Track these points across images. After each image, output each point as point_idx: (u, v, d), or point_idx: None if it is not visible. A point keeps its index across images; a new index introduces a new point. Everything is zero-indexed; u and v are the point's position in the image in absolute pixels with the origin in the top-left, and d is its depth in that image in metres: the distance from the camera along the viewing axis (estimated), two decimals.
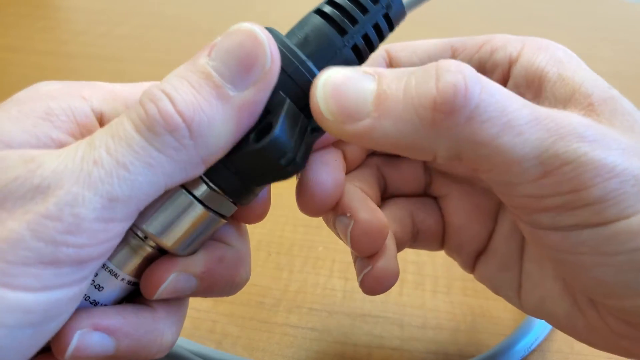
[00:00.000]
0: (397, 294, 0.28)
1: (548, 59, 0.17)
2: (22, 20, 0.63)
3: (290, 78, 0.16)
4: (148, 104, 0.14)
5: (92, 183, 0.13)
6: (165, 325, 0.16)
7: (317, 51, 0.17)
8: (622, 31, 0.70)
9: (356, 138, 0.15)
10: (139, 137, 0.13)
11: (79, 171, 0.13)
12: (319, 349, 0.25)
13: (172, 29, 0.62)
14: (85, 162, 0.13)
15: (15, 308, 0.12)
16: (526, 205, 0.15)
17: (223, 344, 0.25)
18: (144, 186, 0.14)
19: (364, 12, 0.17)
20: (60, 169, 0.13)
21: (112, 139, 0.13)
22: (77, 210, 0.13)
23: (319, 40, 0.17)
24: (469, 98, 0.14)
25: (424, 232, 0.21)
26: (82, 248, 0.13)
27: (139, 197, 0.14)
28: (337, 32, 0.17)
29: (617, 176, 0.14)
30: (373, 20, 0.17)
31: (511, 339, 0.24)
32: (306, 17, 0.18)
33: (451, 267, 0.30)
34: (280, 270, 0.29)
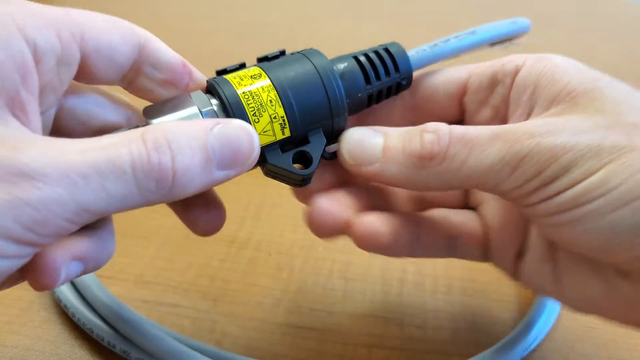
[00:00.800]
0: (397, 294, 0.28)
1: (545, 66, 0.21)
2: None
3: (330, 108, 0.20)
4: (153, 152, 0.16)
5: (75, 191, 0.14)
6: (111, 242, 0.19)
7: (346, 87, 0.21)
8: (622, 31, 0.70)
9: (370, 176, 0.20)
10: (131, 174, 0.15)
11: (66, 176, 0.14)
12: (319, 349, 0.25)
13: (172, 30, 0.62)
14: (73, 172, 0.14)
15: None
16: (515, 196, 0.18)
17: (223, 344, 0.25)
18: (112, 207, 0.15)
19: (387, 74, 0.22)
20: (47, 164, 0.14)
21: (105, 161, 0.15)
22: (53, 208, 0.14)
23: (351, 80, 0.21)
24: (441, 147, 0.19)
25: (463, 236, 0.23)
26: (43, 237, 0.15)
27: (103, 213, 0.16)
28: (364, 79, 0.21)
29: (570, 150, 0.17)
30: (390, 83, 0.22)
31: (511, 338, 0.24)
32: (347, 56, 0.22)
33: (451, 267, 0.30)
34: (280, 270, 0.29)
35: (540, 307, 0.25)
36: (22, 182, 0.14)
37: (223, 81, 0.20)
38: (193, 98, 0.20)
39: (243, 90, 0.19)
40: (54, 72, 0.17)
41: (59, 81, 0.17)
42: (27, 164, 0.14)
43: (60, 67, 0.17)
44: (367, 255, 0.30)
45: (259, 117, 0.19)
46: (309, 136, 0.20)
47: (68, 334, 0.25)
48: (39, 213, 0.14)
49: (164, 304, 0.27)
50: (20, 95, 0.16)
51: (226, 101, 0.19)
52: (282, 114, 0.19)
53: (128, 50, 0.19)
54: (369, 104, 0.22)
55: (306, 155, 0.20)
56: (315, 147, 0.20)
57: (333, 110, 0.20)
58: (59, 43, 0.17)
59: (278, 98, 0.19)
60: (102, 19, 0.19)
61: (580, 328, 0.26)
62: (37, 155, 0.14)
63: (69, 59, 0.17)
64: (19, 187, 0.14)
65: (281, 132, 0.20)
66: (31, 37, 0.16)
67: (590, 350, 0.25)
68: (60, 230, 0.15)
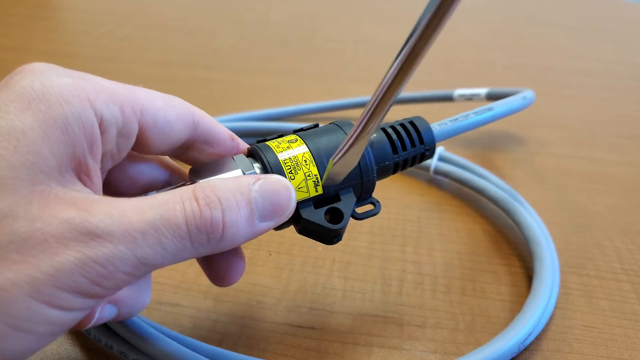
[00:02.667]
0: (397, 294, 0.28)
1: None
2: (23, 20, 0.63)
3: (361, 172, 0.22)
4: (205, 208, 0.17)
5: (135, 247, 0.16)
6: (147, 291, 0.21)
7: (376, 156, 0.23)
8: (622, 31, 0.70)
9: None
10: (185, 229, 0.17)
11: (127, 234, 0.16)
12: (318, 348, 0.25)
13: (173, 30, 0.62)
14: (134, 230, 0.16)
15: (47, 321, 0.15)
16: None
17: (223, 344, 0.25)
18: (167, 260, 0.17)
19: (412, 145, 0.24)
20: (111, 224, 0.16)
21: (160, 219, 0.16)
22: (117, 263, 0.16)
23: (379, 149, 0.23)
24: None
25: None
26: (106, 290, 0.16)
27: (158, 266, 0.17)
28: (391, 149, 0.23)
29: None
30: (415, 153, 0.24)
31: (503, 336, 0.24)
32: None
33: (451, 266, 0.30)
34: (280, 270, 0.29)
35: (534, 302, 0.25)
36: (91, 242, 0.15)
37: (265, 146, 0.21)
38: (236, 161, 0.21)
39: (282, 153, 0.21)
40: (114, 141, 0.19)
41: (117, 150, 0.19)
42: (96, 225, 0.16)
43: (120, 138, 0.19)
44: (367, 255, 0.30)
45: (294, 174, 0.21)
46: (340, 194, 0.22)
47: (67, 335, 0.25)
48: (105, 269, 0.16)
49: (165, 304, 0.27)
50: (87, 161, 0.17)
51: (267, 163, 0.21)
52: (315, 172, 0.21)
53: (183, 127, 0.21)
54: (394, 170, 0.24)
55: (338, 212, 0.21)
56: (346, 204, 0.22)
57: (363, 173, 0.22)
58: (122, 117, 0.18)
59: (312, 159, 0.21)
60: (161, 97, 0.20)
61: (580, 328, 0.26)
62: (103, 217, 0.16)
63: (128, 131, 0.19)
64: (88, 245, 0.15)
65: (314, 189, 0.21)
66: (99, 111, 0.18)
67: (590, 350, 0.25)
68: (121, 283, 0.16)
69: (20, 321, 0.15)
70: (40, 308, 0.15)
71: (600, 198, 0.36)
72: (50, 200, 0.16)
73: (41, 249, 0.15)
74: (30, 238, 0.15)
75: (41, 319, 0.15)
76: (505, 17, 0.72)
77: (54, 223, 0.15)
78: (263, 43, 0.60)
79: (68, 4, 0.71)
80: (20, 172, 0.15)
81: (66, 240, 0.15)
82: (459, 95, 0.42)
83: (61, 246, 0.15)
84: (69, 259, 0.15)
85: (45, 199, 0.16)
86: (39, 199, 0.16)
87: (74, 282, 0.15)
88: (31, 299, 0.15)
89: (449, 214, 0.34)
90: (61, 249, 0.15)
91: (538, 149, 0.42)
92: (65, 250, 0.15)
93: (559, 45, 0.64)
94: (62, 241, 0.15)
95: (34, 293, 0.15)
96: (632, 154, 0.42)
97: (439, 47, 0.64)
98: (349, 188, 0.22)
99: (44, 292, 0.15)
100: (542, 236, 0.29)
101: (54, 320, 0.16)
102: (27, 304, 0.15)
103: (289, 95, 0.49)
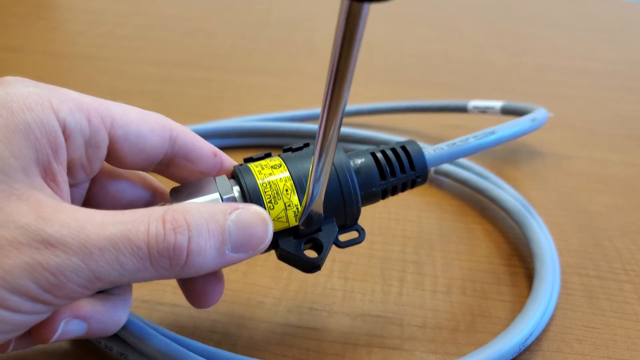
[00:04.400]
0: (397, 294, 0.28)
1: None
2: (22, 20, 0.63)
3: (343, 200, 0.21)
4: (170, 232, 0.17)
5: (90, 261, 0.16)
6: (123, 310, 0.20)
7: (361, 181, 0.22)
8: (622, 31, 0.70)
9: None
10: (145, 250, 0.16)
11: (83, 247, 0.16)
12: (318, 348, 0.25)
13: (172, 30, 0.62)
14: (91, 244, 0.16)
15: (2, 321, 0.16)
16: None
17: (223, 344, 0.25)
18: (125, 278, 0.17)
19: (402, 172, 0.23)
20: (68, 234, 0.16)
21: (121, 236, 0.16)
22: (69, 274, 0.16)
23: (366, 175, 0.22)
24: None
25: None
26: (57, 298, 0.16)
27: (116, 283, 0.17)
28: (379, 175, 0.22)
29: None
30: (405, 180, 0.23)
31: (504, 336, 0.24)
32: (364, 152, 0.23)
33: (451, 267, 0.30)
34: (280, 270, 0.29)
35: (535, 302, 0.25)
36: (44, 249, 0.15)
37: (246, 170, 0.21)
38: (217, 183, 0.21)
39: (262, 179, 0.21)
40: (81, 150, 0.19)
41: (87, 160, 0.19)
42: (50, 234, 0.15)
43: (89, 148, 0.19)
44: (367, 255, 0.30)
45: (274, 204, 0.20)
46: (321, 225, 0.21)
47: None
48: (55, 278, 0.15)
49: (164, 304, 0.27)
50: (52, 166, 0.17)
51: (245, 189, 0.20)
52: (296, 202, 0.20)
53: (158, 141, 0.20)
54: (383, 196, 0.23)
55: (318, 243, 0.21)
56: (327, 235, 0.21)
57: (346, 202, 0.21)
58: (88, 125, 0.18)
59: (294, 187, 0.20)
60: (134, 111, 0.20)
61: (580, 328, 0.26)
62: (60, 227, 0.16)
63: (97, 142, 0.19)
64: (41, 253, 0.15)
65: (294, 219, 0.20)
66: (62, 118, 0.18)
67: (591, 350, 0.25)
68: (73, 294, 0.16)
69: None
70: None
71: (600, 198, 0.36)
72: (11, 201, 0.16)
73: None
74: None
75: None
76: (505, 17, 0.72)
77: (9, 227, 0.15)
78: (263, 43, 0.60)
79: (67, 3, 0.71)
80: None
81: (19, 244, 0.15)
82: (473, 107, 0.41)
83: (13, 250, 0.15)
84: (19, 263, 0.15)
85: (5, 199, 0.16)
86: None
87: (21, 286, 0.15)
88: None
89: (449, 214, 0.34)
90: (13, 253, 0.15)
91: (538, 149, 0.42)
92: (17, 255, 0.15)
93: (559, 45, 0.64)
94: (15, 245, 0.15)
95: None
96: (632, 154, 0.42)
97: (439, 47, 0.65)
98: (332, 218, 0.21)
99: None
100: (542, 236, 0.29)
101: (3, 320, 0.16)
102: None
103: (289, 95, 0.48)
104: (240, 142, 0.40)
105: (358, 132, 0.39)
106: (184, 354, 0.22)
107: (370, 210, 0.34)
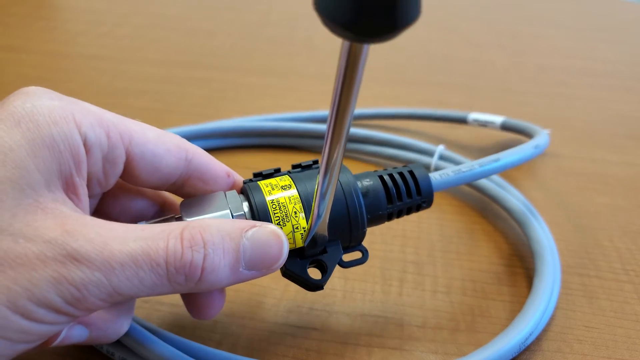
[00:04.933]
0: (397, 294, 0.28)
1: None
2: (22, 20, 0.63)
3: (350, 223, 0.21)
4: (187, 250, 0.17)
5: (112, 277, 0.16)
6: (125, 319, 0.21)
7: (368, 204, 0.22)
8: (622, 31, 0.70)
9: None
10: (164, 267, 0.17)
11: (106, 263, 0.16)
12: (318, 349, 0.25)
13: (172, 30, 0.62)
14: (114, 261, 0.16)
15: (20, 330, 0.16)
16: None
17: (223, 344, 0.25)
18: (142, 293, 0.17)
19: (409, 196, 0.23)
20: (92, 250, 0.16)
21: (142, 253, 0.17)
22: (91, 288, 0.16)
23: (373, 198, 0.22)
24: None
25: None
26: (78, 310, 0.16)
27: (133, 297, 0.17)
28: (386, 199, 0.23)
29: None
30: (411, 204, 0.23)
31: (504, 336, 0.24)
32: (373, 174, 0.23)
33: (451, 267, 0.30)
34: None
35: (535, 302, 0.25)
36: (69, 264, 0.16)
37: (255, 187, 0.21)
38: (228, 199, 0.21)
39: (271, 198, 0.21)
40: (99, 165, 0.19)
41: (103, 175, 0.20)
42: (75, 249, 0.16)
43: (106, 163, 0.19)
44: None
45: (282, 226, 0.20)
46: (326, 247, 0.21)
47: None
48: (79, 292, 0.16)
49: (164, 304, 0.27)
50: (74, 179, 0.18)
51: (255, 208, 0.20)
52: (303, 224, 0.21)
53: (173, 162, 0.21)
54: (389, 219, 0.23)
55: (322, 264, 0.21)
56: (331, 257, 0.21)
57: (352, 224, 0.21)
58: (107, 141, 0.19)
59: (302, 209, 0.21)
60: (152, 131, 0.21)
61: (580, 328, 0.26)
62: (85, 242, 0.16)
63: (114, 157, 0.19)
64: (66, 267, 0.16)
65: (302, 241, 0.21)
66: (83, 132, 0.18)
67: (591, 350, 0.25)
68: (93, 307, 0.17)
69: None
70: (15, 318, 0.16)
71: (600, 198, 0.36)
72: (37, 215, 0.16)
73: (21, 262, 0.15)
74: (11, 251, 0.15)
75: (15, 328, 0.16)
76: (505, 17, 0.72)
77: (36, 241, 0.16)
78: (263, 43, 0.60)
79: (67, 3, 0.71)
80: (6, 185, 0.16)
81: (46, 258, 0.16)
82: (473, 119, 0.41)
83: (40, 263, 0.16)
84: (45, 277, 0.16)
85: (32, 213, 0.16)
86: (24, 214, 0.16)
87: (47, 298, 0.16)
88: (6, 309, 0.15)
89: (449, 214, 0.34)
90: (39, 266, 0.16)
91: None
92: (43, 268, 0.16)
93: (559, 45, 0.64)
94: (42, 258, 0.16)
95: (9, 303, 0.15)
96: (632, 154, 0.42)
97: (439, 47, 0.65)
98: (337, 240, 0.22)
99: (19, 304, 0.15)
100: (543, 235, 0.29)
101: (27, 330, 0.16)
102: (2, 313, 0.15)
103: (289, 95, 0.48)
104: (240, 142, 0.40)
105: (359, 132, 0.39)
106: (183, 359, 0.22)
107: None
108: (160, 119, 0.42)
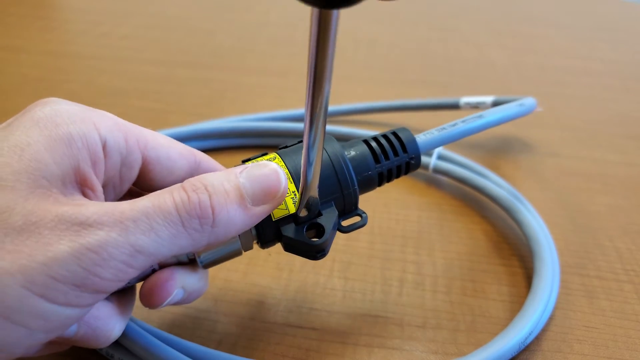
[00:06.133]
0: (397, 294, 0.28)
1: None
2: (22, 20, 0.63)
3: (339, 183, 0.22)
4: (192, 193, 0.18)
5: (127, 234, 0.16)
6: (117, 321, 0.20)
7: (356, 167, 0.22)
8: (622, 31, 0.70)
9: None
10: (176, 214, 0.17)
11: (118, 222, 0.16)
12: (318, 349, 0.25)
13: (172, 30, 0.62)
14: (126, 218, 0.17)
15: (40, 315, 0.16)
16: None
17: (223, 344, 0.25)
18: (162, 249, 0.17)
19: (396, 155, 0.24)
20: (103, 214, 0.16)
21: (152, 206, 0.17)
22: (110, 249, 0.16)
23: (361, 160, 0.23)
24: None
25: None
26: (103, 280, 0.16)
27: (156, 255, 0.17)
28: (373, 160, 0.23)
29: None
30: (399, 162, 0.24)
31: (503, 336, 0.24)
32: (357, 140, 0.24)
33: (451, 267, 0.30)
34: (280, 270, 0.29)
35: (534, 301, 0.25)
36: (83, 231, 0.16)
37: None
38: None
39: None
40: (117, 169, 0.20)
41: (119, 180, 0.20)
42: (87, 216, 0.16)
43: (123, 167, 0.20)
44: (367, 256, 0.30)
45: None
46: (321, 210, 0.22)
47: None
48: (98, 256, 0.16)
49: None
50: (90, 177, 0.18)
51: None
52: (293, 189, 0.21)
53: (185, 165, 0.22)
54: (380, 181, 0.24)
55: (320, 227, 0.21)
56: (327, 218, 0.21)
57: (342, 183, 0.22)
58: (125, 145, 0.20)
59: (291, 178, 0.21)
60: (164, 137, 0.22)
61: (580, 328, 0.26)
62: (95, 209, 0.17)
63: (131, 162, 0.20)
64: (80, 235, 0.16)
65: (294, 206, 0.21)
66: (103, 135, 0.19)
67: (591, 350, 0.25)
68: (119, 273, 0.17)
69: (12, 312, 0.15)
70: (34, 300, 0.15)
71: (600, 198, 0.36)
72: (49, 200, 0.16)
73: (35, 239, 0.15)
74: (24, 230, 0.16)
75: (34, 312, 0.15)
76: (506, 17, 0.72)
77: (47, 217, 0.16)
78: (263, 43, 0.60)
79: (67, 3, 0.71)
80: (22, 176, 0.16)
81: (59, 231, 0.16)
82: (465, 103, 0.42)
83: (54, 237, 0.16)
84: (63, 249, 0.16)
85: (44, 199, 0.16)
86: (37, 199, 0.16)
87: (68, 271, 0.15)
88: (24, 289, 0.15)
89: (449, 214, 0.34)
90: (54, 240, 0.16)
91: (538, 149, 0.42)
92: (58, 241, 0.16)
93: (559, 45, 0.64)
94: (56, 232, 0.16)
95: (27, 283, 0.15)
96: (633, 154, 0.42)
97: (439, 47, 0.65)
98: (331, 202, 0.22)
99: (38, 282, 0.15)
100: (542, 235, 0.29)
101: (47, 315, 0.16)
102: (19, 294, 0.15)
103: (289, 95, 0.48)
104: (240, 142, 0.40)
105: (355, 132, 0.39)
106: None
107: (371, 210, 0.34)
108: (160, 119, 0.42)
